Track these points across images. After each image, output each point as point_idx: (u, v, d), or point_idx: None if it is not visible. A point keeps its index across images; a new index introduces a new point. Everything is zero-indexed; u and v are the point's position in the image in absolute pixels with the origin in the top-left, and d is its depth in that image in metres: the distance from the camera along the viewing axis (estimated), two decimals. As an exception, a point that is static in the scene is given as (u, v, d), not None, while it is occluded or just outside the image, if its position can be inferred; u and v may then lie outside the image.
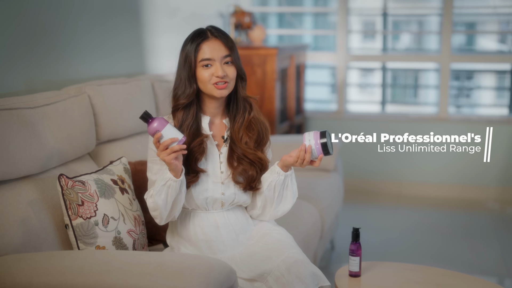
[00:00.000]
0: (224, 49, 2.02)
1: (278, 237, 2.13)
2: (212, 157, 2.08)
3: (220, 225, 2.08)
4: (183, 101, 2.02)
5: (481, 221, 4.46)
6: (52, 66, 2.69)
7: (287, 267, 1.96)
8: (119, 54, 3.23)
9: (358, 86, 6.30)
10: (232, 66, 2.03)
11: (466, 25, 6.05)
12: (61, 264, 1.75)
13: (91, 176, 2.13)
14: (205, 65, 2.00)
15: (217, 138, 2.11)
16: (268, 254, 2.04)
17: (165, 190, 1.93)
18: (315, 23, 6.40)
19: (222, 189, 2.06)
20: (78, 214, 2.02)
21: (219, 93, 2.01)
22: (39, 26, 2.59)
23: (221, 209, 2.09)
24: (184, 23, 4.00)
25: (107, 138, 2.61)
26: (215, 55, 2.00)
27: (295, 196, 2.13)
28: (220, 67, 1.99)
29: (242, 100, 2.10)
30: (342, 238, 3.91)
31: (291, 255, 2.00)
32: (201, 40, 2.02)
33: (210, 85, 2.00)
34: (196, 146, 2.02)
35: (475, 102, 5.96)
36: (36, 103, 2.18)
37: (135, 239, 2.14)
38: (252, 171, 2.07)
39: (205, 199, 2.05)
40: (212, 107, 2.08)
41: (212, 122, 2.10)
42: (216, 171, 2.07)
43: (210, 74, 2.00)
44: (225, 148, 2.09)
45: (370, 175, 5.23)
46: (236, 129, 2.08)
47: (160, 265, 1.69)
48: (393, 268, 2.21)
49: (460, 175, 5.05)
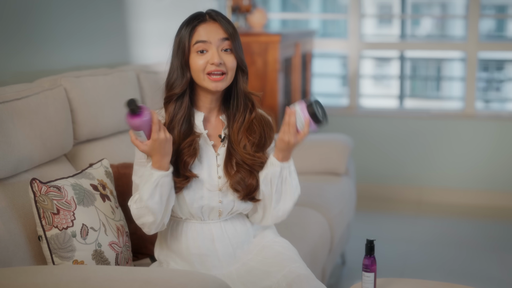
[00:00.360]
0: (223, 32, 2.00)
1: (279, 250, 2.13)
2: (207, 160, 2.07)
3: (216, 238, 2.08)
4: (175, 91, 2.01)
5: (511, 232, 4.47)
6: (23, 55, 2.69)
7: (288, 282, 1.96)
8: (100, 41, 3.23)
9: (372, 78, 6.31)
10: (231, 55, 2.01)
11: (495, 8, 6.05)
12: (33, 281, 1.75)
13: (67, 181, 2.13)
14: (199, 50, 1.98)
15: (213, 137, 2.10)
16: (267, 269, 2.05)
17: (158, 191, 1.93)
18: (324, 6, 6.40)
19: (220, 196, 2.06)
20: (53, 224, 2.02)
21: (213, 85, 1.99)
22: (7, 10, 2.59)
23: (218, 219, 2.09)
24: (174, 6, 4.00)
25: (86, 137, 2.62)
26: (212, 37, 1.98)
27: (296, 192, 2.09)
28: (217, 53, 1.98)
29: (243, 96, 2.07)
30: (355, 251, 3.92)
31: (293, 270, 2.00)
32: (197, 22, 2.01)
33: (204, 75, 1.98)
34: (186, 148, 2.01)
35: (505, 96, 5.96)
36: (5, 98, 2.18)
37: (118, 253, 2.15)
38: (251, 180, 2.05)
39: (201, 208, 2.05)
40: (207, 102, 2.06)
41: (207, 119, 2.09)
42: (212, 175, 2.06)
43: (204, 61, 1.98)
44: (222, 149, 2.08)
45: (386, 180, 5.23)
46: (235, 130, 2.07)
47: (147, 283, 1.69)
48: (412, 286, 2.22)
49: (488, 180, 5.05)
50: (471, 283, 3.34)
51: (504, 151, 5.02)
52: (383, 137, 5.22)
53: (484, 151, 5.05)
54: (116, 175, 2.44)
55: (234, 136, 2.06)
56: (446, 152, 5.11)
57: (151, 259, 2.45)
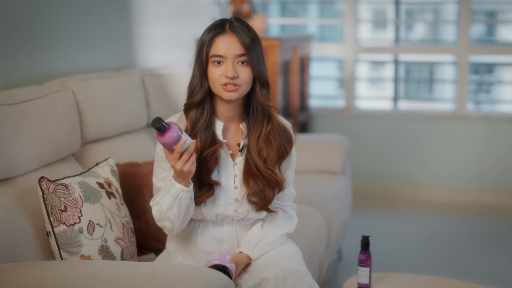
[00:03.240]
0: (240, 47, 1.94)
1: (282, 249, 2.15)
2: (225, 169, 2.04)
3: (225, 239, 2.09)
4: (194, 100, 1.98)
5: (502, 228, 4.46)
6: (33, 59, 2.69)
7: (284, 275, 1.96)
8: (106, 45, 3.23)
9: (367, 81, 6.30)
10: (247, 68, 1.95)
11: (486, 13, 6.05)
12: (42, 276, 1.75)
13: (75, 179, 2.13)
14: (216, 61, 1.95)
15: (232, 146, 2.06)
16: (268, 263, 2.06)
17: (177, 204, 1.91)
18: (321, 11, 6.40)
19: (235, 206, 2.05)
20: (61, 220, 2.02)
21: (226, 95, 1.94)
22: (18, 15, 2.59)
23: (231, 221, 2.10)
24: (177, 11, 4.00)
25: (93, 137, 2.62)
26: (228, 52, 1.94)
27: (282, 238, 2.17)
28: (231, 67, 1.93)
29: (261, 107, 2.02)
30: (351, 247, 3.91)
31: (292, 265, 2.01)
32: (217, 33, 1.96)
33: (219, 85, 1.94)
34: (209, 156, 1.98)
35: (495, 98, 5.96)
36: (15, 99, 2.18)
37: (123, 248, 2.15)
38: (268, 191, 2.03)
39: (216, 215, 2.05)
40: (225, 111, 2.02)
41: (226, 128, 2.05)
42: (229, 185, 2.04)
43: (220, 73, 1.94)
44: (240, 158, 2.05)
45: (381, 178, 5.23)
46: (254, 139, 2.02)
47: (151, 277, 1.69)
48: (406, 280, 2.22)
49: (479, 178, 5.05)
50: (461, 277, 3.33)
51: (494, 151, 5.02)
52: (378, 137, 5.22)
53: (474, 151, 5.04)
54: (121, 174, 2.44)
55: (253, 145, 2.02)
56: (438, 152, 5.11)
57: (155, 254, 2.45)
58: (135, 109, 2.87)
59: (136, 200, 2.45)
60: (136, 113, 2.88)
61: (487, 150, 5.02)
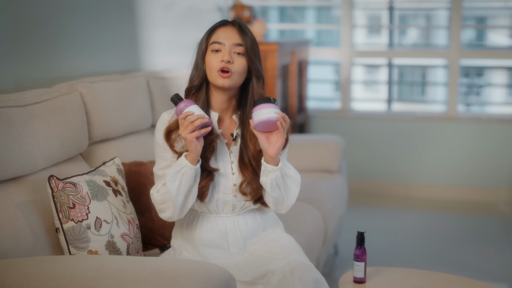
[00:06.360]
0: (238, 38, 2.00)
1: (285, 243, 2.14)
2: (222, 157, 2.07)
3: (228, 231, 2.08)
4: (194, 84, 2.03)
5: (491, 224, 4.46)
6: (43, 62, 2.69)
7: (291, 268, 1.96)
8: (113, 49, 3.23)
9: (363, 84, 6.30)
10: (243, 58, 2.00)
11: (476, 19, 6.05)
12: (51, 270, 1.75)
13: (82, 178, 2.13)
14: (214, 50, 1.99)
15: (227, 136, 2.10)
16: (274, 256, 2.05)
17: (179, 177, 1.93)
18: (318, 17, 6.40)
19: (234, 191, 2.06)
20: (69, 217, 2.02)
21: (221, 82, 1.97)
22: (30, 21, 2.59)
23: (231, 213, 2.09)
24: (181, 17, 4.00)
25: (100, 138, 2.61)
26: (226, 40, 1.99)
27: (297, 177, 2.10)
28: (228, 53, 1.98)
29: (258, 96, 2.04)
30: (346, 242, 3.91)
31: (298, 259, 2.01)
32: (219, 24, 2.04)
33: (216, 72, 1.98)
34: (207, 145, 2.02)
35: (485, 100, 5.96)
36: (26, 101, 2.18)
37: (129, 243, 2.14)
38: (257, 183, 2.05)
39: (216, 201, 2.05)
40: (220, 102, 2.06)
41: (221, 120, 2.09)
42: (227, 171, 2.06)
43: (218, 60, 1.98)
44: (235, 147, 2.08)
45: (376, 177, 5.23)
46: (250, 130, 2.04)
47: (156, 271, 1.69)
48: (399, 274, 2.21)
49: (469, 176, 5.05)
50: (452, 271, 3.33)
51: (483, 151, 5.01)
52: (372, 137, 5.22)
53: (465, 150, 5.04)
54: (127, 172, 2.44)
55: (248, 132, 2.05)
56: (430, 151, 5.11)
57: (160, 249, 2.45)
58: (140, 111, 2.87)
59: (141, 197, 2.45)
60: (141, 114, 2.88)
61: (477, 149, 5.02)
